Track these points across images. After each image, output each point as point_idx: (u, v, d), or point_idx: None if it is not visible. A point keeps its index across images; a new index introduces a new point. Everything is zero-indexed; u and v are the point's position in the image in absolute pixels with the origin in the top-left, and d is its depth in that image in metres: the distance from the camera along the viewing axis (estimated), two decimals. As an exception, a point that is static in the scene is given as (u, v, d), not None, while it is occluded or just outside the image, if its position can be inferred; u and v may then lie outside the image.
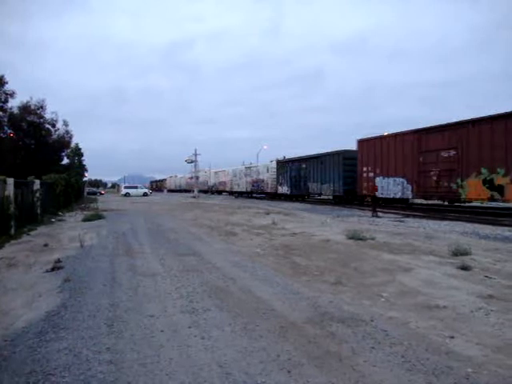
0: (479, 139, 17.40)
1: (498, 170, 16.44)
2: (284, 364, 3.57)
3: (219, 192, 61.66)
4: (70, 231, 13.69)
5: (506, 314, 4.69)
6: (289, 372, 3.42)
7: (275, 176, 40.44)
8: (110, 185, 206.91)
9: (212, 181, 63.93)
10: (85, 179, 67.47)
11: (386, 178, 23.26)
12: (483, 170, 17.23)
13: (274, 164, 41.14)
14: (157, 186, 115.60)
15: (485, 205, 20.96)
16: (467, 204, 20.40)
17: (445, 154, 19.31)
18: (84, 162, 67.69)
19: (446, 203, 21.65)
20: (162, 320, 4.74)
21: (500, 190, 16.24)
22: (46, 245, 10.51)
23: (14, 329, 4.53)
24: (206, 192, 65.48)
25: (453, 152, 18.87)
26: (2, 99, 44.46)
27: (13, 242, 11.39)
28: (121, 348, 3.94)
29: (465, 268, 6.94)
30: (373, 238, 10.42)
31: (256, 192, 46.74)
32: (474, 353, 3.71)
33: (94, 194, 71.42)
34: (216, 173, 63.15)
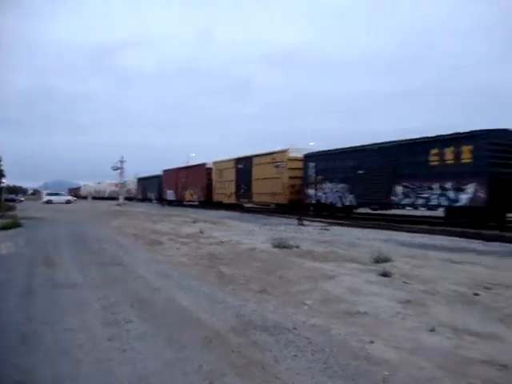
0: (188, 176, 43.46)
1: (191, 188, 42.69)
2: (207, 375, 3.53)
3: (112, 198, 73.23)
4: (-17, 241, 12.91)
5: (421, 318, 4.90)
6: (211, 383, 3.38)
7: (137, 187, 65.99)
8: (31, 191, 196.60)
9: (108, 189, 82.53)
10: (2, 185, 63.96)
11: (170, 190, 48.39)
12: (189, 188, 42.97)
13: (136, 179, 66.13)
14: (74, 194, 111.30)
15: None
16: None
17: (183, 179, 44.51)
18: (2, 167, 64.05)
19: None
20: (82, 333, 4.56)
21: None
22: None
23: None
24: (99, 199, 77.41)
25: (184, 179, 44.05)
26: None
27: None
28: (33, 366, 3.74)
29: (385, 275, 7.18)
30: (298, 246, 10.58)
31: (128, 198, 66.26)
32: (391, 356, 3.84)
33: (13, 200, 67.72)
34: (110, 183, 79.81)
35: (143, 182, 62.58)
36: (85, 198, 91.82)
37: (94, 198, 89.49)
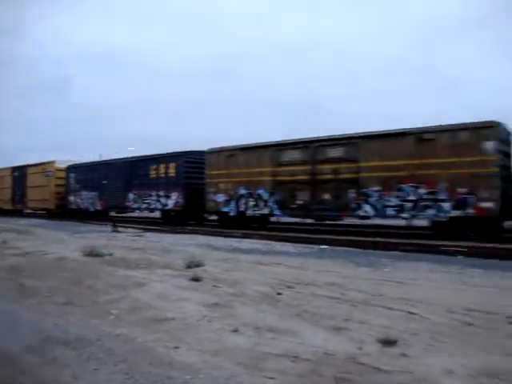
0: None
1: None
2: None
3: None
4: None
5: (226, 320, 5.06)
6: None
7: None
8: None
9: None
10: None
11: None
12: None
13: None
14: None
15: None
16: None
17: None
18: None
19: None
20: None
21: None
22: None
23: None
24: None
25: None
26: None
27: None
28: None
29: (196, 279, 7.28)
30: (110, 254, 10.21)
31: None
32: (194, 359, 3.88)
33: None
34: None
35: None
36: None
37: None
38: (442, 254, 11.20)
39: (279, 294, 6.40)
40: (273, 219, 20.35)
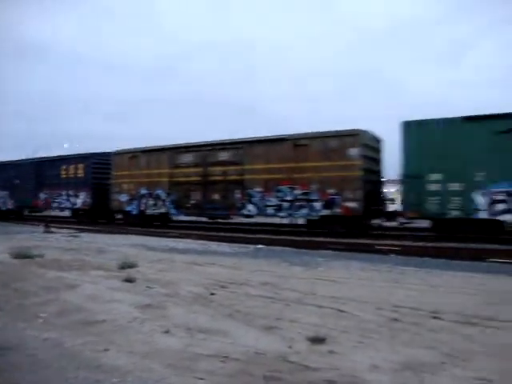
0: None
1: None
2: None
3: None
4: None
5: (158, 321, 5.01)
6: None
7: None
8: None
9: None
10: None
11: None
12: None
13: None
14: None
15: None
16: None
17: None
18: None
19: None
20: None
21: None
22: None
23: None
24: None
25: None
26: None
27: None
28: None
29: (129, 280, 7.15)
30: (42, 256, 9.83)
31: None
32: (123, 362, 3.81)
33: None
34: None
35: None
36: None
37: None
38: (376, 252, 11.59)
39: (212, 294, 6.41)
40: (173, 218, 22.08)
